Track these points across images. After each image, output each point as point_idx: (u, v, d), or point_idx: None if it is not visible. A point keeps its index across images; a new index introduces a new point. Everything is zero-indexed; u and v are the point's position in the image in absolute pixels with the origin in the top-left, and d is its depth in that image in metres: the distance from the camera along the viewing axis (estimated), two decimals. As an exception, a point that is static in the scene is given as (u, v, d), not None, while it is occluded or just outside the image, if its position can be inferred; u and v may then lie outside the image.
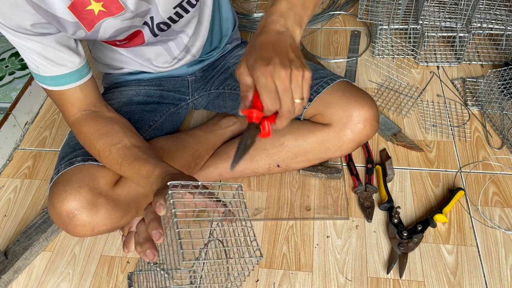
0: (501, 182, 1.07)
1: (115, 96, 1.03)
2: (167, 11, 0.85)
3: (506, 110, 1.21)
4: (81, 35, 0.80)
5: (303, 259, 0.95)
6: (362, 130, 0.93)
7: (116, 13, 0.78)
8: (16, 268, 0.96)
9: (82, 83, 0.84)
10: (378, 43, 1.43)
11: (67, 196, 0.80)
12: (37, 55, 0.77)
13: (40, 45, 0.76)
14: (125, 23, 0.82)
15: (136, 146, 0.80)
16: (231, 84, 1.06)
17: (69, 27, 0.77)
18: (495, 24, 1.38)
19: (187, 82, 1.11)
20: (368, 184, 1.06)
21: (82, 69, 0.83)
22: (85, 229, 0.82)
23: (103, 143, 0.81)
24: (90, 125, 0.84)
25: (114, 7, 0.77)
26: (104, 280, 0.95)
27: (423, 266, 0.93)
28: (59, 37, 0.78)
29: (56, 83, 0.82)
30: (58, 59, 0.79)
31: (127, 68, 1.04)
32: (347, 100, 0.93)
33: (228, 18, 1.08)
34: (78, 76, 0.83)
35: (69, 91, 0.83)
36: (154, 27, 0.88)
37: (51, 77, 0.81)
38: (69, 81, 0.82)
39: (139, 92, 1.04)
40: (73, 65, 0.81)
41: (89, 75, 0.85)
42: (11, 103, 1.29)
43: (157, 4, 0.82)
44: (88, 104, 0.86)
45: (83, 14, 0.76)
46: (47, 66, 0.79)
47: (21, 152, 1.25)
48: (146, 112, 1.02)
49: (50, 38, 0.77)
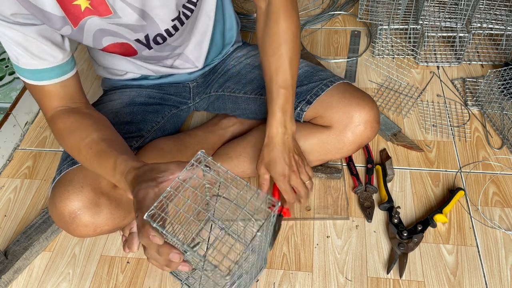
0: (501, 182, 1.07)
1: (117, 97, 1.03)
2: (165, 24, 0.84)
3: (506, 110, 1.21)
4: (67, 32, 0.77)
5: (303, 259, 0.95)
6: (363, 132, 0.93)
7: (104, 15, 0.77)
8: (16, 268, 0.96)
9: (63, 80, 0.80)
10: (378, 43, 1.43)
11: (69, 196, 0.80)
12: (17, 45, 0.74)
13: (21, 35, 0.73)
14: (112, 27, 0.80)
15: (103, 140, 0.76)
16: (230, 87, 1.06)
17: (56, 21, 0.74)
18: (495, 24, 1.38)
19: (189, 88, 1.11)
20: (368, 184, 1.06)
21: (65, 65, 0.80)
22: (87, 229, 0.82)
23: (72, 139, 0.78)
24: (63, 121, 0.81)
25: (102, 8, 0.76)
26: (104, 280, 0.95)
27: (423, 266, 0.93)
28: (42, 29, 0.75)
29: (35, 77, 0.78)
30: (40, 52, 0.76)
31: (130, 73, 1.04)
32: (347, 102, 0.92)
33: (231, 27, 1.08)
34: (59, 72, 0.79)
35: (49, 87, 0.79)
36: (151, 41, 0.87)
37: (30, 70, 0.77)
38: (49, 77, 0.79)
39: (141, 94, 1.04)
40: (55, 60, 0.78)
41: (71, 72, 0.82)
42: (11, 103, 1.29)
43: (154, 18, 0.81)
44: (67, 101, 0.82)
45: (70, 8, 0.74)
46: (26, 58, 0.76)
47: (21, 152, 1.25)
48: (148, 113, 1.02)
49: (32, 29, 0.73)
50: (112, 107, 1.00)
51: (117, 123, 0.94)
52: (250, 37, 1.57)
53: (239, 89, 1.05)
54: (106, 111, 0.99)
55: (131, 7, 0.78)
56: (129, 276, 0.95)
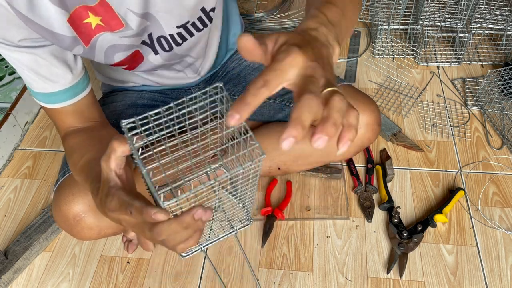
0: (501, 182, 1.07)
1: (119, 99, 1.03)
2: (170, 27, 0.82)
3: (506, 110, 1.21)
4: (79, 51, 0.76)
5: (303, 259, 0.95)
6: (364, 134, 0.93)
7: (115, 29, 0.75)
8: (16, 268, 0.96)
9: (75, 101, 0.78)
10: (378, 43, 1.43)
11: (74, 198, 0.79)
12: (28, 70, 0.72)
13: (31, 59, 0.70)
14: (124, 40, 0.78)
15: (94, 159, 0.69)
16: (230, 89, 1.06)
17: (67, 42, 0.72)
18: (495, 24, 1.38)
19: (191, 93, 1.11)
20: (368, 184, 1.06)
21: (77, 85, 0.78)
22: (92, 232, 0.81)
23: (73, 159, 0.76)
24: (70, 140, 0.79)
25: (114, 23, 0.73)
26: (104, 280, 0.95)
27: (423, 266, 0.93)
28: (53, 49, 0.72)
29: (47, 100, 0.77)
30: (51, 74, 0.73)
31: (132, 83, 1.03)
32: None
33: (236, 33, 1.07)
34: (71, 94, 0.77)
35: (61, 109, 0.78)
36: (155, 42, 0.84)
37: (43, 94, 0.76)
38: (61, 99, 0.77)
39: (143, 96, 1.04)
40: (66, 82, 0.76)
41: (84, 92, 0.79)
42: (11, 103, 1.29)
43: (159, 20, 0.79)
44: (80, 121, 0.80)
45: (81, 27, 0.72)
46: (38, 82, 0.74)
47: (21, 152, 1.25)
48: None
49: (43, 50, 0.71)
50: (114, 109, 1.00)
51: (119, 125, 0.94)
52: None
53: (239, 92, 1.05)
54: (108, 112, 0.99)
55: (136, 15, 0.76)
56: (129, 276, 0.95)
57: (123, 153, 0.53)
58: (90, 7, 0.70)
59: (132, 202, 0.51)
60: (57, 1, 0.67)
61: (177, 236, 0.51)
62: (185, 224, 0.49)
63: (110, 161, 0.54)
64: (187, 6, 0.78)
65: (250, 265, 0.94)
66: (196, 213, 0.49)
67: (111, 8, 0.71)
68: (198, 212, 0.49)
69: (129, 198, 0.52)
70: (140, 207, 0.49)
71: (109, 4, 0.71)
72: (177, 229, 0.50)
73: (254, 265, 0.95)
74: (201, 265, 0.96)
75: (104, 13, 0.72)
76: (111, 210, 0.53)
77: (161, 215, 0.48)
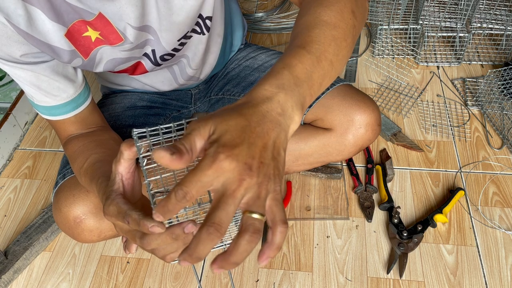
0: (501, 182, 1.07)
1: (119, 100, 1.03)
2: (171, 44, 0.83)
3: (506, 110, 1.21)
4: (78, 64, 0.76)
5: (303, 259, 0.95)
6: (364, 134, 0.93)
7: (115, 43, 0.75)
8: (16, 268, 0.96)
9: (77, 112, 0.79)
10: (378, 43, 1.43)
11: (75, 200, 0.79)
12: (30, 85, 0.73)
13: (33, 74, 0.71)
14: (123, 54, 0.79)
15: (99, 161, 0.71)
16: (230, 90, 1.06)
17: (65, 56, 0.73)
18: (495, 24, 1.38)
19: (191, 94, 1.11)
20: (368, 184, 1.06)
21: (78, 97, 0.79)
22: (92, 234, 0.81)
23: (76, 165, 0.76)
24: (71, 146, 0.80)
25: (113, 37, 0.74)
26: (104, 280, 0.95)
27: (423, 266, 0.93)
28: (54, 64, 0.73)
29: (49, 113, 0.78)
30: (52, 89, 0.74)
31: (131, 88, 1.03)
32: (348, 104, 0.92)
33: (238, 36, 1.07)
34: (73, 106, 0.78)
35: (63, 120, 0.79)
36: (157, 58, 0.85)
37: (44, 107, 0.77)
38: (63, 112, 0.78)
39: (143, 98, 1.04)
40: (68, 95, 0.77)
41: (85, 103, 0.80)
42: (11, 103, 1.29)
43: (160, 38, 0.79)
44: (81, 128, 0.82)
45: (80, 41, 0.72)
46: (40, 96, 0.75)
47: (21, 152, 1.25)
48: (150, 116, 1.01)
49: (44, 66, 0.72)
50: (113, 111, 1.00)
51: (119, 126, 0.94)
52: (250, 37, 1.57)
53: (239, 92, 1.05)
54: (107, 114, 0.99)
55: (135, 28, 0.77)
56: (129, 276, 0.95)
57: (129, 156, 0.54)
58: (88, 22, 0.70)
59: (130, 212, 0.52)
60: (54, 17, 0.67)
61: (167, 246, 0.53)
62: (175, 236, 0.50)
63: (119, 164, 0.55)
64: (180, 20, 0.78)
65: (230, 274, 0.94)
66: (186, 227, 0.50)
67: (110, 23, 0.72)
68: (188, 226, 0.50)
69: (127, 207, 0.53)
70: (137, 219, 0.50)
71: (107, 19, 0.71)
72: (167, 240, 0.50)
73: (254, 265, 0.95)
74: (201, 265, 0.96)
75: (102, 28, 0.72)
76: (107, 215, 0.55)
77: (157, 229, 0.49)
